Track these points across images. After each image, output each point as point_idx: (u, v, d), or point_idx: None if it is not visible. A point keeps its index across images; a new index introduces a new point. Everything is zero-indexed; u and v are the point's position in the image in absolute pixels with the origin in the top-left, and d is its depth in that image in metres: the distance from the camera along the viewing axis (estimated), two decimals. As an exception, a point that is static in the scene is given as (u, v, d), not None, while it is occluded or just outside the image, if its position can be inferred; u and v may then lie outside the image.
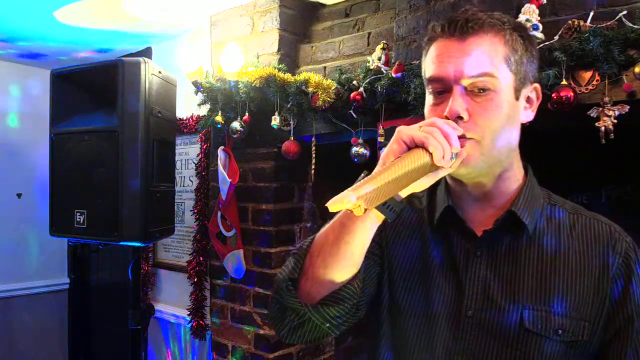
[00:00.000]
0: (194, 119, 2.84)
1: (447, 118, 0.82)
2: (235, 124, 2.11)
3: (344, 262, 0.84)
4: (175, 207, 2.23)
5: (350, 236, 0.81)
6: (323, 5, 2.29)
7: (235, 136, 2.14)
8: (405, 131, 0.78)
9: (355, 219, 0.79)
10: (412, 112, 1.64)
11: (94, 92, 1.98)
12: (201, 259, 2.70)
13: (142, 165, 1.83)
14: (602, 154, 1.44)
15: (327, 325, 0.87)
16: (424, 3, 1.78)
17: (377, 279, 0.98)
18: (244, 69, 2.08)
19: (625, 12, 1.34)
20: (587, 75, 1.37)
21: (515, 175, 0.93)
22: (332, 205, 0.69)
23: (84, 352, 3.87)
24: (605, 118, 1.32)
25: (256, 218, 2.27)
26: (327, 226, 0.86)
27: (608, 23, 1.35)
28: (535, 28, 1.48)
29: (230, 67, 2.07)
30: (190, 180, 2.93)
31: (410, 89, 1.62)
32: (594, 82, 1.36)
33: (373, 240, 0.93)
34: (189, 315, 2.74)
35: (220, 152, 2.24)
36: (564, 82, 1.37)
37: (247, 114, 2.10)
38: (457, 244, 0.92)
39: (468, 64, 0.82)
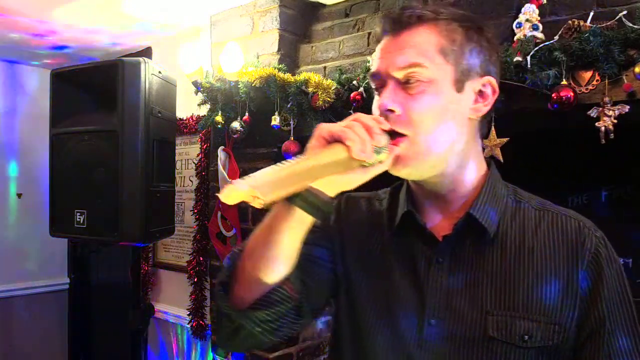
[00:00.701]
0: (194, 119, 2.84)
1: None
2: (235, 124, 2.11)
3: (272, 263, 0.80)
4: (175, 207, 2.23)
5: (276, 237, 0.78)
6: (323, 5, 2.29)
7: (235, 136, 2.14)
8: (324, 127, 0.75)
9: (280, 220, 0.76)
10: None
11: (94, 92, 1.98)
12: (201, 259, 2.70)
13: (142, 165, 1.83)
14: (602, 154, 1.44)
15: (259, 329, 0.83)
16: (424, 3, 1.78)
17: (331, 286, 0.94)
18: (244, 69, 2.08)
19: (625, 12, 1.34)
20: (587, 75, 1.37)
21: (473, 175, 0.87)
22: (224, 195, 0.63)
23: (84, 352, 3.87)
24: (605, 118, 1.32)
25: (256, 218, 2.26)
26: (257, 228, 0.83)
27: (608, 23, 1.35)
28: (535, 28, 1.48)
29: (230, 67, 2.07)
30: (190, 180, 2.93)
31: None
32: (594, 82, 1.36)
33: (319, 245, 0.92)
34: (189, 315, 2.74)
35: (220, 152, 2.24)
36: (564, 82, 1.37)
37: (247, 114, 2.10)
38: (418, 250, 0.87)
39: (399, 56, 0.80)
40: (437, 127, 0.80)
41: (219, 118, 2.16)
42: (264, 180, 0.64)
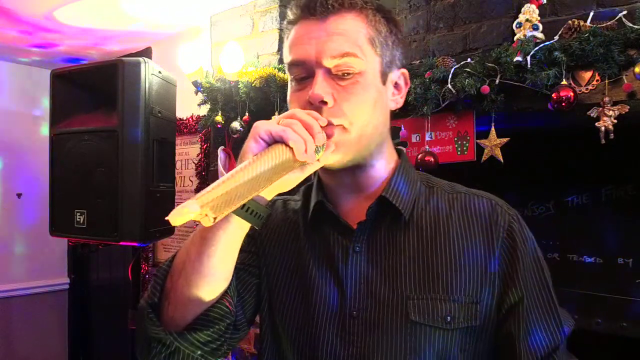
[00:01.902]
0: (194, 119, 2.84)
1: (310, 104, 0.75)
2: (235, 124, 2.11)
3: (210, 278, 0.73)
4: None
5: (212, 249, 0.71)
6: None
7: (235, 136, 2.13)
8: (262, 126, 0.69)
9: (216, 230, 0.70)
10: (412, 112, 1.64)
11: (94, 92, 1.97)
12: (201, 259, 2.70)
13: (142, 165, 1.82)
14: (602, 154, 1.44)
15: (199, 352, 0.75)
16: (424, 3, 1.78)
17: (256, 291, 0.89)
18: (244, 69, 2.08)
19: (625, 12, 1.34)
20: (587, 75, 1.37)
21: (387, 162, 0.86)
22: (174, 218, 0.58)
23: (83, 352, 3.87)
24: (605, 118, 1.32)
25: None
26: (187, 242, 0.77)
27: (608, 23, 1.36)
28: (535, 28, 1.48)
29: (230, 67, 2.06)
30: (190, 180, 2.93)
31: (410, 88, 1.62)
32: (594, 82, 1.36)
33: (246, 250, 0.87)
34: (189, 315, 2.74)
35: (220, 152, 2.24)
36: (564, 82, 1.37)
37: (247, 114, 2.09)
38: (334, 241, 0.84)
39: (330, 44, 0.75)
40: (368, 118, 0.78)
41: (219, 118, 2.16)
42: (213, 197, 0.60)
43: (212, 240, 0.72)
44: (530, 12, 1.51)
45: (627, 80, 1.30)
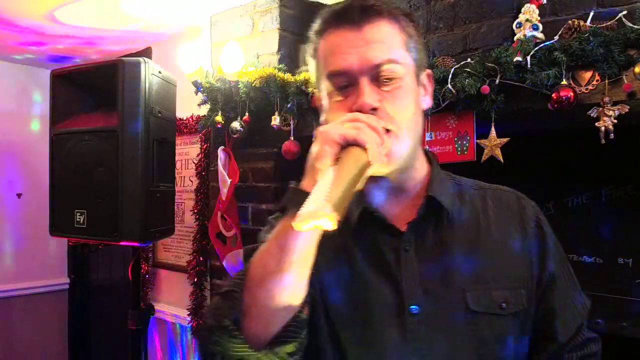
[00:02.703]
0: (194, 119, 2.84)
1: (357, 112, 0.76)
2: (235, 124, 2.11)
3: (293, 287, 0.72)
4: (175, 207, 2.23)
5: (293, 257, 0.70)
6: (323, 5, 2.28)
7: (235, 136, 2.14)
8: (334, 130, 0.69)
9: (295, 237, 0.69)
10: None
11: (94, 92, 1.98)
12: (201, 259, 2.70)
13: (142, 165, 1.82)
14: (602, 154, 1.44)
15: None
16: (424, 3, 1.78)
17: (310, 297, 0.86)
18: (244, 69, 2.08)
19: (625, 12, 1.34)
20: (587, 75, 1.37)
21: (423, 162, 0.91)
22: (302, 221, 0.59)
23: (83, 352, 3.87)
24: (605, 118, 1.32)
25: (256, 218, 2.27)
26: (260, 255, 0.74)
27: (608, 23, 1.35)
28: (535, 28, 1.48)
29: (230, 67, 2.07)
30: (190, 180, 2.93)
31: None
32: (594, 82, 1.36)
33: None
34: (189, 315, 2.74)
35: (220, 152, 2.24)
36: (564, 82, 1.37)
37: (247, 114, 2.09)
38: (384, 243, 0.86)
39: (371, 52, 0.78)
40: (412, 121, 0.82)
41: (219, 118, 2.16)
42: (338, 197, 0.61)
43: (292, 247, 0.70)
44: (530, 12, 1.51)
45: (627, 80, 1.30)
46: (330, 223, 0.60)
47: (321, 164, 0.68)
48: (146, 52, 3.19)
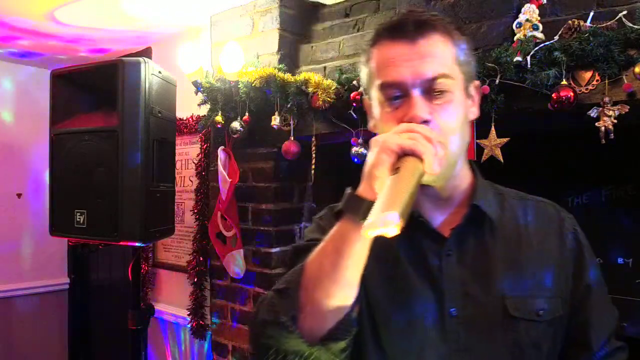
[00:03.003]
0: (194, 119, 2.84)
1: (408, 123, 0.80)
2: (235, 124, 2.11)
3: (347, 287, 0.78)
4: (175, 207, 2.23)
5: (349, 260, 0.76)
6: (323, 5, 2.29)
7: (235, 136, 2.14)
8: (391, 140, 0.74)
9: (353, 241, 0.74)
10: (412, 112, 1.63)
11: (94, 92, 1.97)
12: (201, 259, 2.71)
13: (142, 165, 1.82)
14: (602, 154, 1.43)
15: None
16: (424, 3, 1.78)
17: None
18: (244, 69, 2.08)
19: (625, 12, 1.34)
20: (587, 75, 1.37)
21: (467, 171, 0.95)
22: (372, 228, 0.65)
23: (83, 352, 3.88)
24: (605, 118, 1.32)
25: (256, 218, 2.27)
26: (316, 255, 0.79)
27: (608, 23, 1.35)
28: (535, 28, 1.48)
29: (230, 67, 2.06)
30: (190, 180, 2.93)
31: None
32: (594, 82, 1.36)
33: None
34: (189, 315, 2.74)
35: (220, 152, 2.24)
36: (564, 82, 1.37)
37: (247, 114, 2.09)
38: (427, 247, 0.91)
39: (424, 66, 0.81)
40: (460, 133, 0.85)
41: (219, 118, 2.16)
42: (404, 206, 0.67)
43: (348, 250, 0.75)
44: (530, 12, 1.50)
45: (627, 80, 1.30)
46: (395, 230, 0.66)
47: (379, 171, 0.73)
48: (146, 52, 3.19)
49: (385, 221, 0.65)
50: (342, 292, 0.78)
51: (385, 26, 0.86)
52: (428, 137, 0.74)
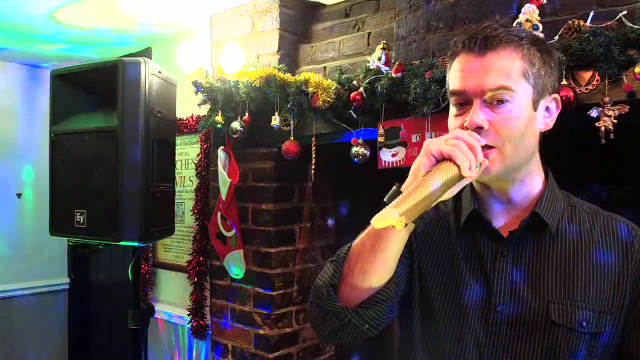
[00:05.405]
0: (194, 119, 2.84)
1: (466, 128, 0.88)
2: (235, 124, 2.11)
3: (381, 269, 0.91)
4: (175, 207, 2.23)
5: (386, 245, 0.89)
6: (323, 5, 2.29)
7: (235, 136, 2.14)
8: (433, 145, 0.84)
9: (390, 230, 0.84)
10: (412, 112, 1.64)
11: (94, 92, 1.97)
12: (201, 259, 2.71)
13: (142, 165, 1.82)
14: (602, 154, 1.43)
15: (367, 326, 0.94)
16: (424, 3, 1.78)
17: (407, 279, 1.04)
18: (244, 69, 2.08)
19: (625, 12, 1.34)
20: (587, 75, 1.37)
21: (536, 180, 0.99)
22: (377, 222, 0.74)
23: (83, 352, 3.88)
24: (605, 118, 1.32)
25: (256, 218, 2.27)
26: (362, 235, 0.93)
27: (608, 23, 1.35)
28: (535, 28, 1.48)
29: (230, 67, 2.06)
30: (190, 180, 2.93)
31: (410, 89, 1.62)
32: (594, 82, 1.36)
33: (405, 245, 1.00)
34: (188, 315, 2.74)
35: (220, 152, 2.24)
36: (564, 82, 1.37)
37: (247, 114, 2.09)
38: (484, 245, 0.98)
39: (487, 78, 0.88)
40: (519, 141, 0.90)
41: (219, 118, 2.16)
42: (409, 207, 0.75)
43: (385, 237, 0.89)
44: (530, 12, 1.50)
45: (627, 80, 1.30)
46: (397, 226, 0.75)
47: (418, 172, 0.84)
48: (146, 52, 3.19)
49: (385, 216, 0.74)
50: (376, 272, 0.91)
51: (464, 37, 0.93)
52: (470, 143, 0.83)
